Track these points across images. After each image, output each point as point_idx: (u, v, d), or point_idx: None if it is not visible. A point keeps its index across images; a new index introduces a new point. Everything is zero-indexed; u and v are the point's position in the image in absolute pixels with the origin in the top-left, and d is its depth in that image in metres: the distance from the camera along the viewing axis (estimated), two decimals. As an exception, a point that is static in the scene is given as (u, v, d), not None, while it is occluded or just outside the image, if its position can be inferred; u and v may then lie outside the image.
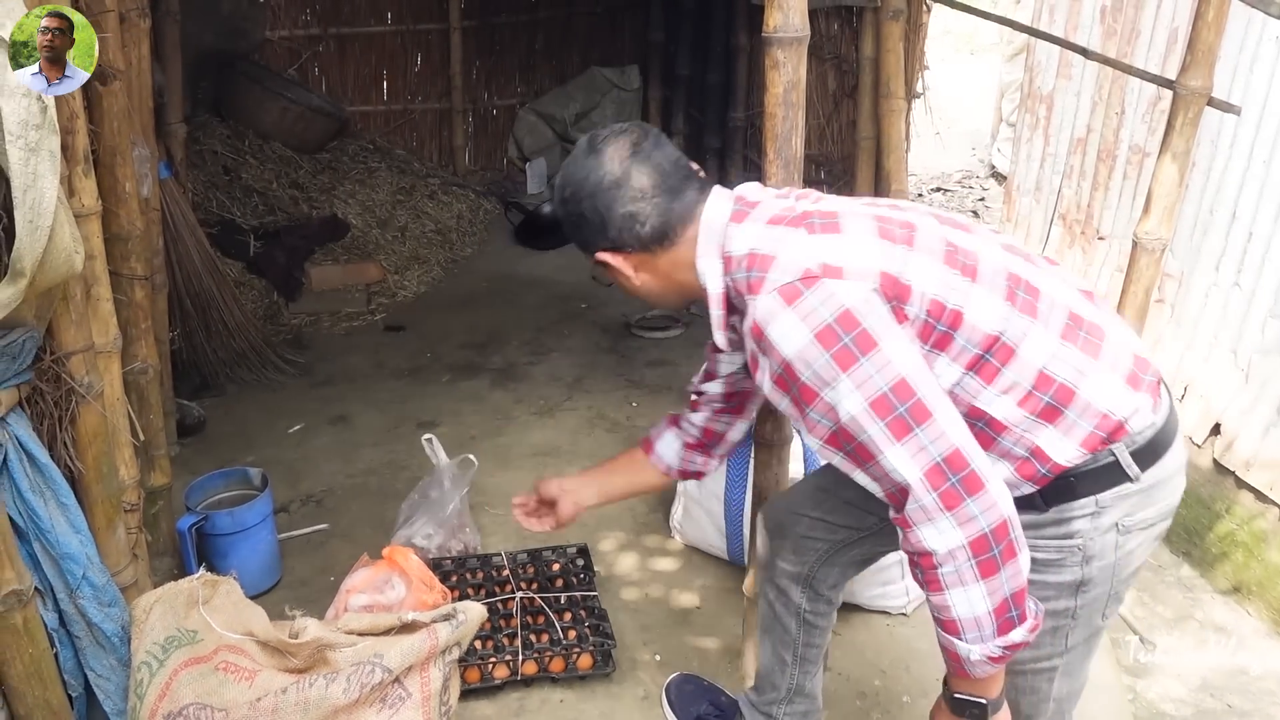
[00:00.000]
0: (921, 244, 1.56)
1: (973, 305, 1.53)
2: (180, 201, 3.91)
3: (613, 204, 1.65)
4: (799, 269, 1.50)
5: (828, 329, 1.45)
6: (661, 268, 1.71)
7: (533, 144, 6.54)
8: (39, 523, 1.86)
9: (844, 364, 1.45)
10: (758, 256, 1.57)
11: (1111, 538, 1.61)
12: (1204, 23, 2.47)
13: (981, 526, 1.44)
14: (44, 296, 1.84)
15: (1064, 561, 1.62)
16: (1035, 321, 1.55)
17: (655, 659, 2.72)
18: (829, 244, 1.53)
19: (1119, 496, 1.58)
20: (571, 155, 1.73)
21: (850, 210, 1.62)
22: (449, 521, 3.00)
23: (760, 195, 1.72)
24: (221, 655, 1.92)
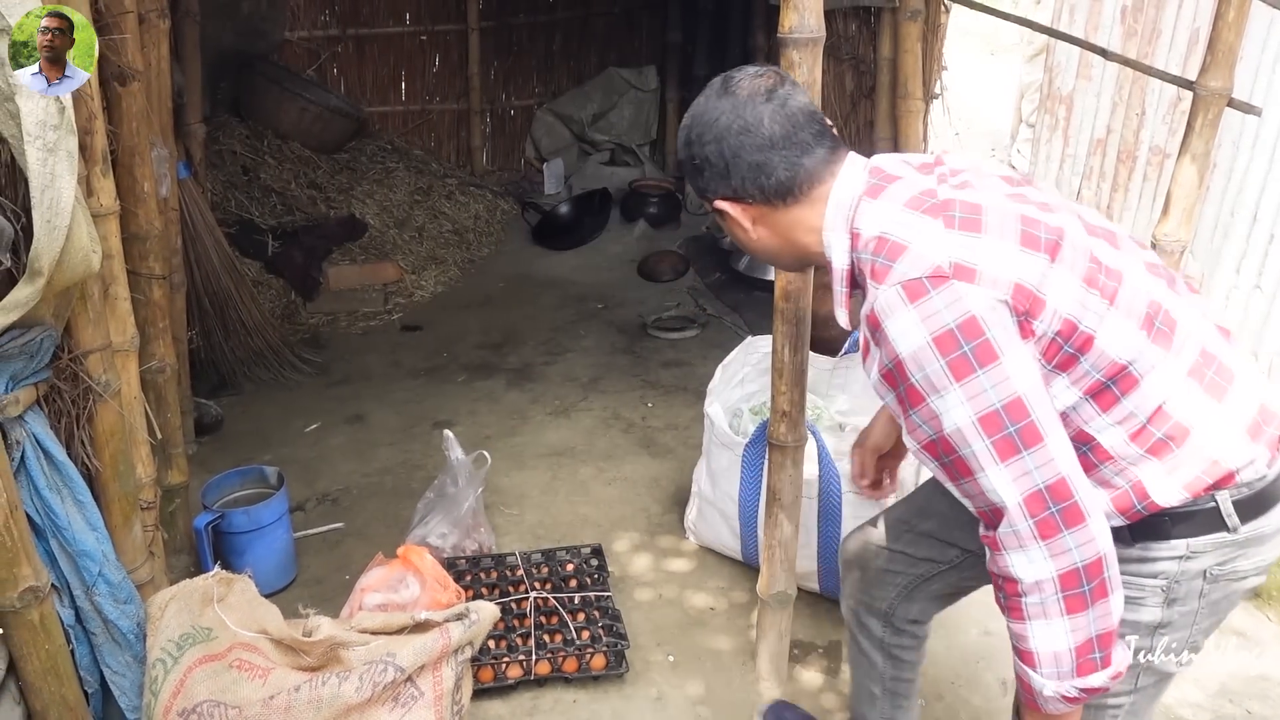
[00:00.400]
0: (1065, 257, 1.45)
1: (1106, 331, 1.44)
2: (199, 201, 3.93)
3: (740, 150, 1.55)
4: (929, 265, 1.40)
5: (948, 334, 1.37)
6: (781, 225, 1.61)
7: (550, 144, 6.55)
8: (56, 520, 1.88)
9: (959, 373, 1.37)
10: (888, 242, 1.46)
11: (1198, 584, 1.54)
12: (1224, 23, 2.45)
13: (1075, 560, 1.39)
14: (62, 296, 1.85)
15: (1144, 600, 1.55)
16: (1167, 354, 1.47)
17: (669, 660, 2.72)
18: (966, 243, 1.42)
19: (1214, 544, 1.51)
20: (703, 93, 1.62)
21: (996, 205, 1.48)
22: (464, 521, 3.01)
23: (900, 170, 1.58)
24: (235, 653, 1.93)
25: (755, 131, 1.54)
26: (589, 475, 3.56)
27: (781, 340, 2.29)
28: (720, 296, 5.04)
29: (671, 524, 3.28)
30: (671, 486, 3.47)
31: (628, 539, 3.21)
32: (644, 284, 5.29)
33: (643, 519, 3.31)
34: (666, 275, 5.31)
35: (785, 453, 2.39)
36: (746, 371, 3.17)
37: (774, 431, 2.38)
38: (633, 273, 5.42)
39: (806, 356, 2.32)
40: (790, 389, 2.33)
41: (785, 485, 2.42)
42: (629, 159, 6.54)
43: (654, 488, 3.48)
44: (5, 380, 1.77)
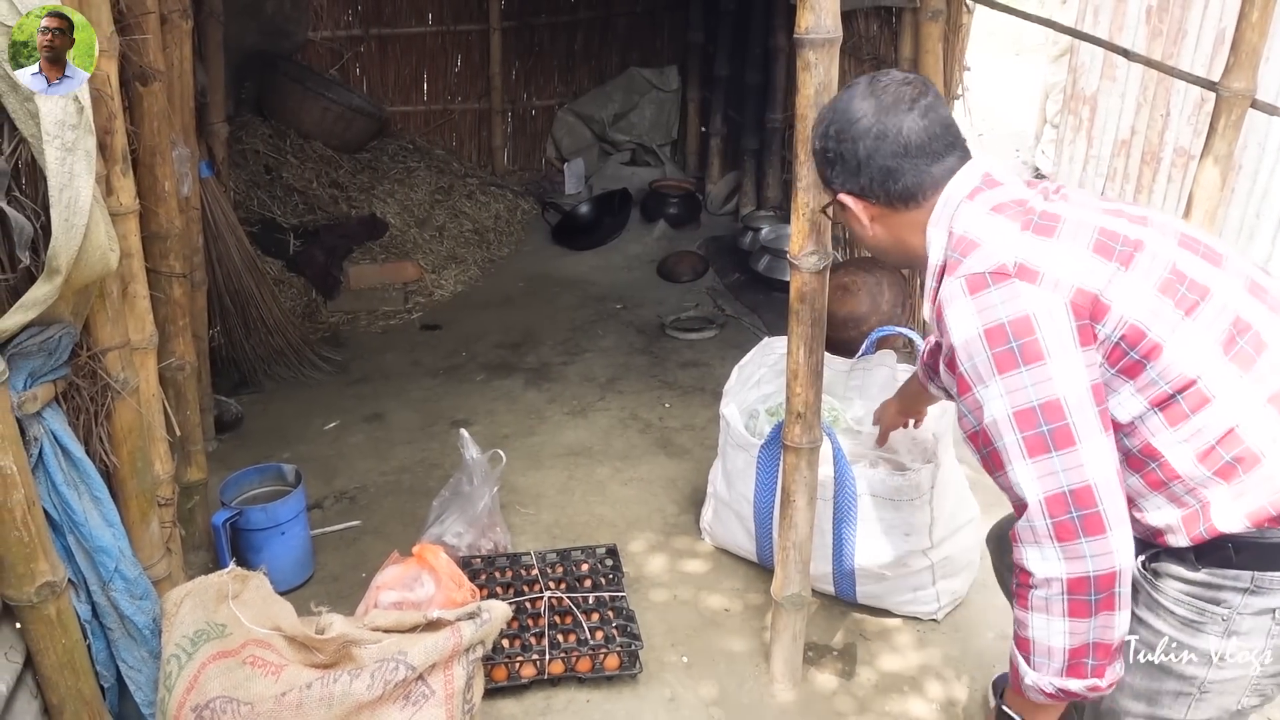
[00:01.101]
0: (1140, 265, 1.46)
1: (1177, 341, 1.44)
2: (221, 200, 3.96)
3: (874, 154, 1.61)
4: (995, 262, 1.47)
5: (999, 328, 1.43)
6: (896, 226, 1.67)
7: (571, 144, 6.56)
8: (73, 516, 1.89)
9: (1002, 367, 1.43)
10: (966, 240, 1.55)
11: (1265, 623, 1.50)
12: (1248, 24, 2.43)
13: (1087, 569, 1.42)
14: (80, 294, 1.87)
15: (1204, 626, 1.53)
16: (1245, 376, 1.45)
17: (683, 660, 2.71)
18: (1036, 245, 1.48)
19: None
20: (849, 89, 1.67)
21: (1078, 217, 1.52)
22: (479, 520, 3.02)
23: (1005, 178, 1.63)
24: (249, 649, 1.94)
25: (893, 139, 1.59)
26: (606, 475, 3.56)
27: (797, 342, 2.28)
28: (739, 297, 5.03)
29: (687, 525, 3.27)
30: (688, 487, 3.46)
31: (643, 539, 3.21)
32: (663, 284, 5.28)
33: (659, 519, 3.31)
34: (686, 276, 5.31)
35: (800, 455, 2.38)
36: (763, 373, 3.16)
37: (789, 433, 2.37)
38: (652, 273, 5.42)
39: (822, 358, 2.31)
40: (805, 391, 2.32)
41: (800, 487, 2.41)
42: (650, 159, 6.53)
43: (670, 488, 3.48)
44: (24, 377, 1.79)
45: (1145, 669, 1.61)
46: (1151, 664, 1.59)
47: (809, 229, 2.18)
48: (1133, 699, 1.64)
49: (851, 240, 4.67)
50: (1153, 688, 1.61)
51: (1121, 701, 1.66)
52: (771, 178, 5.77)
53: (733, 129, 6.13)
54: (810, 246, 2.19)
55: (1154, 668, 1.59)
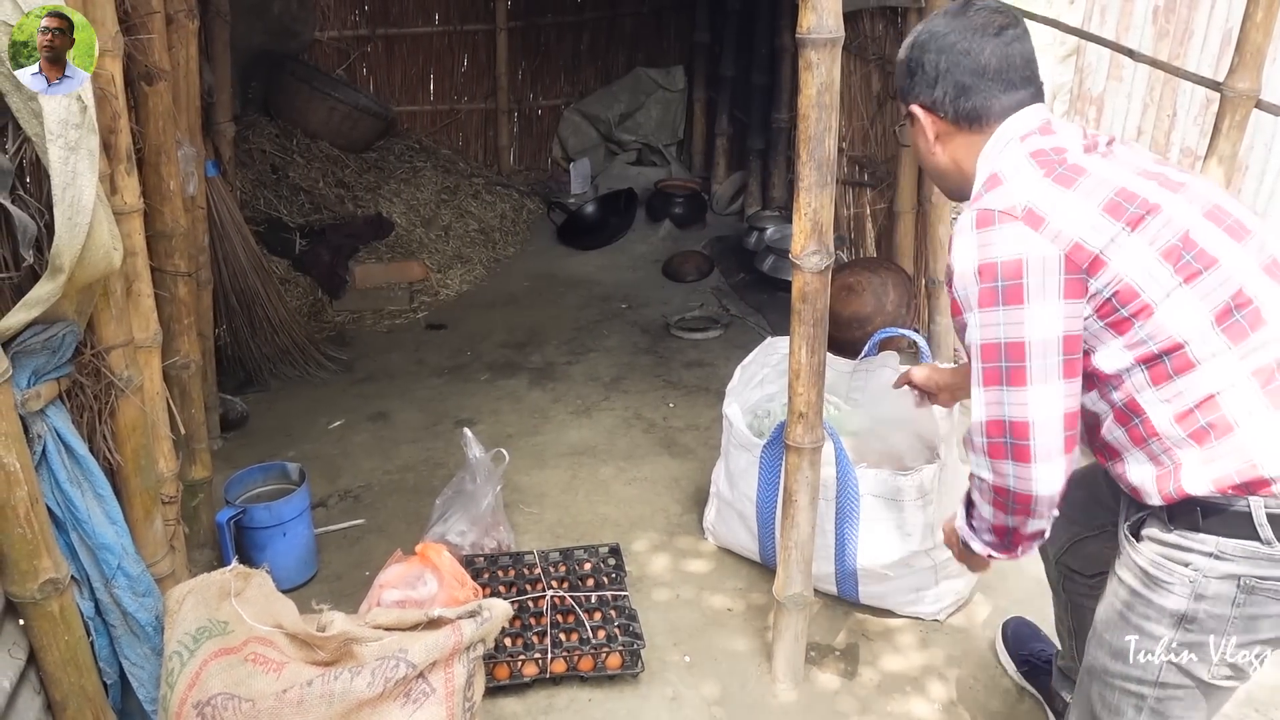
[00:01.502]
0: (1150, 229, 1.52)
1: (1169, 306, 1.51)
2: (227, 199, 3.98)
3: (953, 67, 1.69)
4: (1008, 203, 1.55)
5: (991, 266, 1.53)
6: (957, 147, 1.74)
7: (577, 144, 6.57)
8: (76, 513, 1.90)
9: (983, 302, 1.54)
10: (994, 177, 1.63)
11: (1229, 589, 1.55)
12: (1252, 24, 2.43)
13: (1009, 484, 1.61)
14: (84, 292, 1.88)
15: (1172, 586, 1.59)
16: (1235, 349, 1.51)
17: (685, 660, 2.72)
18: (1050, 193, 1.54)
19: (1245, 552, 1.53)
20: (942, 11, 1.76)
21: (1105, 175, 1.58)
22: (483, 519, 3.02)
23: (1061, 127, 1.69)
24: (251, 647, 1.95)
25: (974, 56, 1.67)
26: (609, 475, 3.56)
27: (799, 342, 2.28)
28: (744, 297, 5.03)
29: (690, 524, 3.27)
30: (691, 487, 3.47)
31: (647, 539, 3.21)
32: (668, 284, 5.29)
33: (662, 519, 3.31)
34: (691, 275, 5.31)
35: (802, 455, 2.38)
36: (766, 373, 3.16)
37: (791, 433, 2.37)
38: (657, 273, 5.42)
39: (824, 358, 2.31)
40: (807, 391, 2.32)
41: (802, 487, 2.41)
42: (656, 159, 6.54)
43: (674, 488, 3.48)
44: (27, 375, 1.80)
45: (1120, 629, 1.67)
46: (1127, 623, 1.66)
47: (811, 229, 2.18)
48: (1111, 657, 1.70)
49: (857, 241, 4.67)
50: (1122, 646, 1.67)
51: (1100, 659, 1.73)
52: (777, 177, 5.77)
53: (739, 129, 6.13)
54: (812, 246, 2.19)
55: (1126, 625, 1.66)
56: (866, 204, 4.57)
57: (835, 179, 2.19)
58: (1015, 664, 2.63)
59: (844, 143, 4.64)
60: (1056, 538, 2.12)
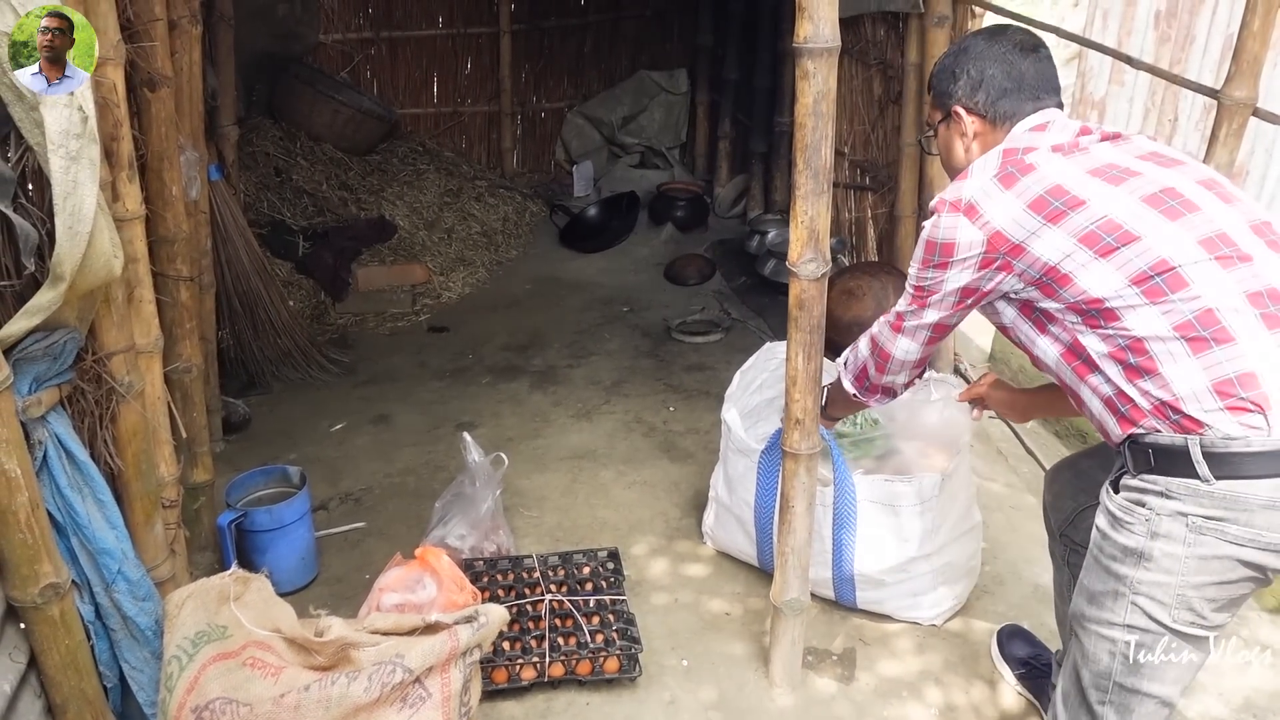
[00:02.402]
0: (1069, 222, 1.78)
1: (1086, 274, 1.76)
2: (230, 203, 3.99)
3: (997, 75, 2.00)
4: (956, 195, 1.90)
5: (932, 243, 1.92)
6: (987, 144, 2.02)
7: (580, 147, 6.58)
8: (76, 519, 1.92)
9: (924, 263, 1.96)
10: (968, 170, 1.96)
11: (1179, 528, 1.68)
12: (1249, 33, 2.43)
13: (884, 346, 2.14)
14: (85, 299, 1.89)
15: (1132, 525, 1.74)
16: (1154, 305, 1.70)
17: (683, 664, 2.73)
18: (991, 192, 1.87)
19: (1188, 490, 1.67)
20: (978, 33, 2.11)
21: (1046, 173, 1.85)
22: (482, 523, 3.04)
23: (1058, 125, 1.97)
24: (249, 651, 1.96)
25: (1014, 66, 2.00)
26: (609, 478, 3.57)
27: (796, 348, 2.29)
28: (745, 301, 5.04)
29: (689, 528, 3.29)
30: (690, 491, 3.48)
31: (646, 543, 3.23)
32: (670, 287, 5.30)
33: (661, 523, 3.33)
34: (692, 279, 5.32)
35: (799, 461, 2.39)
36: (765, 378, 3.17)
37: (788, 439, 2.38)
38: (659, 276, 5.43)
39: (821, 365, 2.32)
40: (804, 397, 2.33)
41: (799, 493, 2.42)
42: (659, 162, 6.55)
43: (673, 492, 3.49)
44: (29, 382, 1.82)
45: (1093, 572, 1.83)
46: (1098, 565, 1.81)
47: (807, 236, 2.19)
48: (1087, 602, 1.85)
49: (859, 245, 4.68)
50: (1096, 589, 1.82)
51: (1080, 605, 1.87)
52: (779, 181, 5.77)
53: (741, 132, 6.14)
54: (809, 254, 2.20)
55: (1099, 568, 1.81)
56: (868, 208, 4.57)
57: (833, 185, 2.20)
58: (1012, 669, 2.64)
59: (845, 147, 4.65)
60: (1062, 509, 2.31)
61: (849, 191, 4.69)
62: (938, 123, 2.12)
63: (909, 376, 2.19)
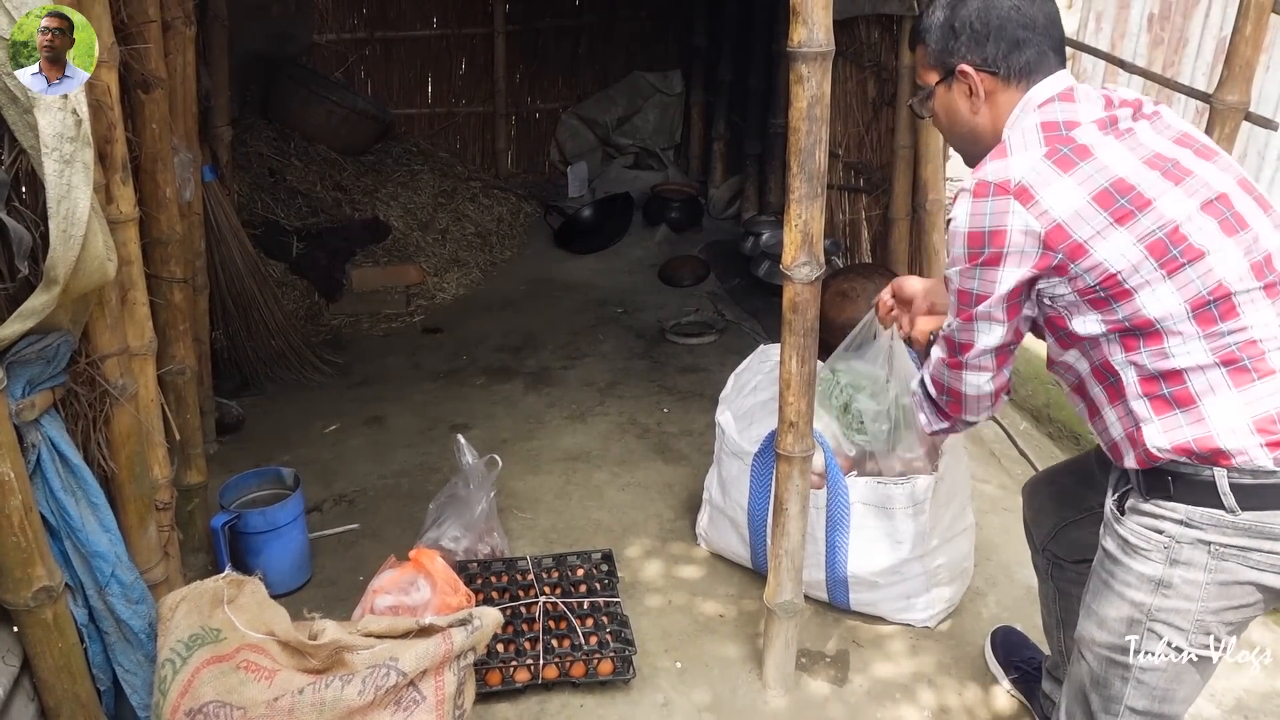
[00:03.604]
0: (1137, 225, 1.59)
1: (1148, 293, 1.59)
2: (224, 204, 3.99)
3: (1005, 23, 1.74)
4: (1004, 175, 1.63)
5: (978, 234, 1.66)
6: (1000, 106, 1.78)
7: (574, 148, 6.58)
8: (70, 521, 1.92)
9: (969, 260, 1.68)
10: (1004, 145, 1.70)
11: (1201, 555, 1.62)
12: (1241, 37, 2.44)
13: (944, 379, 1.87)
14: (79, 302, 1.89)
15: (1149, 553, 1.67)
16: (1203, 337, 1.59)
17: (676, 666, 2.73)
18: (1046, 175, 1.62)
19: (1212, 520, 1.60)
20: None
21: (1107, 160, 1.63)
22: (477, 525, 3.04)
23: (1084, 95, 1.73)
24: (243, 654, 1.96)
25: (1025, 13, 1.74)
26: (603, 480, 3.58)
27: (789, 351, 2.30)
28: (740, 302, 5.05)
29: (683, 530, 3.29)
30: (684, 492, 3.48)
31: (640, 545, 3.23)
32: (664, 289, 5.30)
33: (655, 525, 3.33)
34: (687, 280, 5.32)
35: (792, 463, 2.40)
36: (759, 380, 3.17)
37: (781, 442, 2.39)
38: (653, 277, 5.44)
39: (815, 368, 2.33)
40: (798, 400, 2.34)
41: (792, 496, 2.43)
42: (653, 163, 6.55)
43: (667, 493, 3.50)
44: (22, 385, 1.81)
45: (1105, 598, 1.75)
46: (1110, 590, 1.73)
47: (801, 240, 2.20)
48: (1097, 627, 1.76)
49: (852, 247, 4.69)
50: (1108, 615, 1.74)
51: (1089, 630, 1.79)
52: (774, 182, 5.78)
53: (736, 133, 6.15)
54: (802, 257, 2.21)
55: (1111, 594, 1.73)
56: (862, 210, 4.58)
57: (826, 188, 2.21)
58: (1005, 672, 2.65)
59: (839, 149, 4.65)
60: (1043, 524, 2.25)
61: (843, 193, 4.69)
62: (935, 84, 1.85)
63: (996, 405, 1.88)
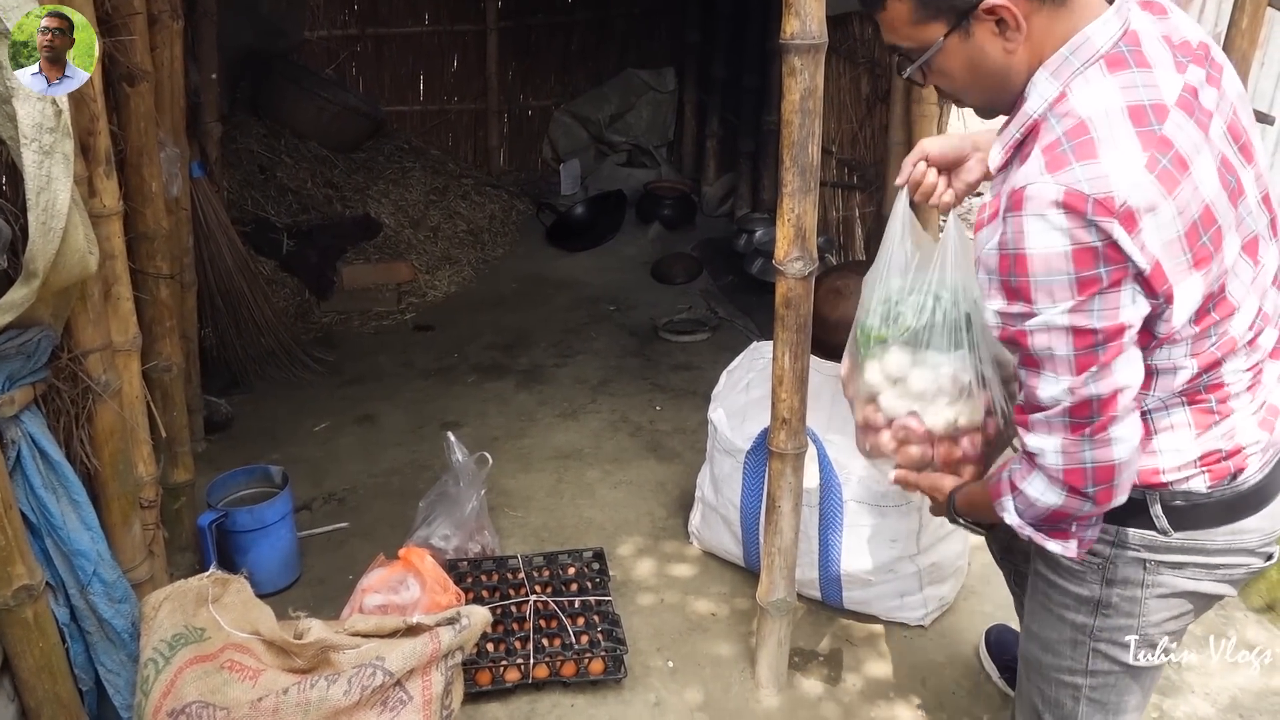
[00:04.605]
0: (1210, 273, 1.40)
1: (1170, 349, 1.45)
2: (213, 200, 3.96)
3: None
4: (1106, 193, 1.30)
5: (1087, 250, 1.31)
6: (1041, 35, 1.40)
7: (567, 145, 6.56)
8: (51, 519, 1.89)
9: (1083, 289, 1.33)
10: (1085, 134, 1.34)
11: (1137, 573, 1.59)
12: (1238, 30, 2.43)
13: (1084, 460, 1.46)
14: (60, 296, 1.86)
15: (1084, 575, 1.63)
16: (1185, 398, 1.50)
17: (668, 665, 2.71)
18: (1150, 196, 1.31)
19: (1144, 541, 1.56)
20: None
21: (1200, 176, 1.36)
22: (467, 523, 3.01)
23: (1155, 57, 1.38)
24: (227, 654, 1.94)
25: None
26: (595, 478, 3.55)
27: (782, 348, 2.28)
28: (732, 300, 5.02)
29: (676, 528, 3.27)
30: (677, 490, 3.46)
31: (632, 543, 3.21)
32: (657, 286, 5.27)
33: (647, 523, 3.31)
34: (679, 278, 5.30)
35: (785, 461, 2.38)
36: (752, 377, 3.15)
37: (774, 439, 2.37)
38: (646, 275, 5.41)
39: (807, 364, 2.31)
40: (790, 397, 2.31)
41: (785, 493, 2.41)
42: (646, 160, 6.53)
43: (660, 491, 3.47)
44: (1, 380, 1.79)
45: (1045, 620, 1.71)
46: (1049, 613, 1.69)
47: (794, 234, 2.18)
48: (1042, 650, 1.73)
49: (846, 244, 4.67)
50: (1051, 637, 1.71)
51: (1033, 652, 1.76)
52: (767, 180, 5.75)
53: (729, 131, 6.12)
54: (795, 252, 2.18)
55: (1051, 617, 1.69)
56: (855, 206, 4.56)
57: (820, 184, 2.19)
58: (999, 670, 2.63)
59: (833, 145, 4.63)
60: (997, 535, 2.15)
61: (836, 190, 4.67)
62: (945, 36, 1.43)
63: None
